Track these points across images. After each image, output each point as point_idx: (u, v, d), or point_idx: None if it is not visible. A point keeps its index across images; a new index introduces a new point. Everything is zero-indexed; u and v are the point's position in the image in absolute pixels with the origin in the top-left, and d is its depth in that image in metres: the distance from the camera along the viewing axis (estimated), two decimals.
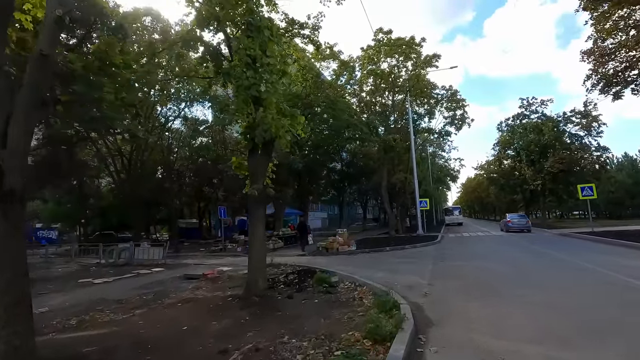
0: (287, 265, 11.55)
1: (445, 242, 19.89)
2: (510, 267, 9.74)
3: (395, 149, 26.46)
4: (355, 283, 8.19)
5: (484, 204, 75.66)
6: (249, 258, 6.84)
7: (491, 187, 55.23)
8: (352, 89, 28.20)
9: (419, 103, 31.01)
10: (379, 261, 12.53)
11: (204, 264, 14.13)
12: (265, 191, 6.45)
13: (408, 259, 13.08)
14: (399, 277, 9.05)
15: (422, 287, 7.56)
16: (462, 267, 10.22)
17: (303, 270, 10.27)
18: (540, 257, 11.83)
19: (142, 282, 10.10)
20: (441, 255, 13.61)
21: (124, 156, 22.32)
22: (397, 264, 11.61)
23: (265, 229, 23.68)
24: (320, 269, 10.37)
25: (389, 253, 15.49)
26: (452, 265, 10.86)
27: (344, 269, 10.70)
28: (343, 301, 6.47)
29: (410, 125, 25.00)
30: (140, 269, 12.84)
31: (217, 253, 19.37)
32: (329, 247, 16.64)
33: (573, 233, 20.63)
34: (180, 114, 24.08)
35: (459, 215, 47.85)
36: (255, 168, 6.64)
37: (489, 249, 15.39)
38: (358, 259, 13.93)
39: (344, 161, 36.96)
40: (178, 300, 7.29)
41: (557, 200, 36.32)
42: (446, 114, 30.53)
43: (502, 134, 37.90)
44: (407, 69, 26.40)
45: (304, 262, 13.26)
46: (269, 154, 6.68)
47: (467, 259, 12.17)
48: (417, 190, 26.00)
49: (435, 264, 11.06)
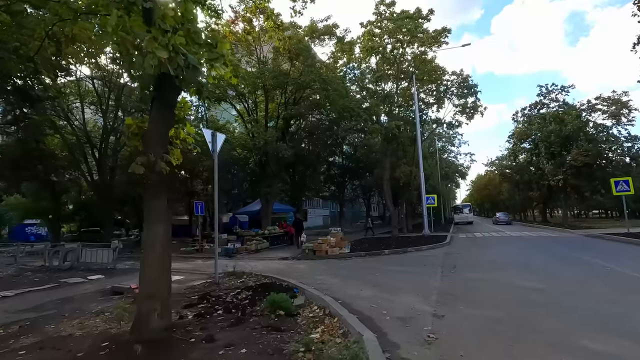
0: (251, 275, 8.92)
1: (456, 244, 17.05)
2: (557, 288, 6.60)
3: (399, 139, 23.64)
4: (326, 309, 5.54)
5: (495, 202, 71.89)
6: (140, 278, 4.20)
7: (504, 184, 51.95)
8: (351, 73, 25.43)
9: (426, 91, 28.12)
10: (373, 270, 9.83)
11: None
12: (159, 167, 3.79)
13: (410, 267, 10.36)
14: (393, 297, 6.38)
15: (425, 320, 4.87)
16: (483, 284, 7.43)
17: (265, 285, 7.63)
18: (588, 269, 8.97)
19: (51, 298, 7.56)
20: (452, 262, 10.83)
21: (94, 146, 19.90)
22: (394, 275, 8.92)
23: (251, 228, 21.05)
24: (288, 283, 7.73)
25: (387, 258, 12.77)
26: (468, 279, 8.09)
27: (323, 281, 8.04)
28: (292, 351, 3.81)
29: (417, 109, 22.15)
30: (76, 277, 10.35)
31: (191, 255, 16.85)
32: (317, 249, 13.98)
33: (605, 235, 17.61)
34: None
35: (469, 214, 44.54)
36: (148, 130, 4.04)
37: (513, 255, 12.54)
38: (348, 265, 11.23)
39: (345, 154, 34.24)
40: (45, 338, 4.73)
41: (580, 197, 33.04)
42: (456, 101, 27.47)
43: (518, 125, 34.69)
44: (414, 50, 23.57)
45: (280, 269, 10.63)
46: (169, 105, 4.03)
47: (487, 269, 9.37)
48: (424, 184, 23.13)
49: (445, 277, 8.31)
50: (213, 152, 8.68)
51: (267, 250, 17.06)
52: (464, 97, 26.85)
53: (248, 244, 17.07)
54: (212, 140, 8.65)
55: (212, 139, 8.65)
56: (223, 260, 14.25)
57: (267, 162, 19.14)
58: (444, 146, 49.74)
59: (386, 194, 23.73)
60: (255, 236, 18.05)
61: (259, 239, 17.72)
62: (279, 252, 16.11)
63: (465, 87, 26.75)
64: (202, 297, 6.77)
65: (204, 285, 8.03)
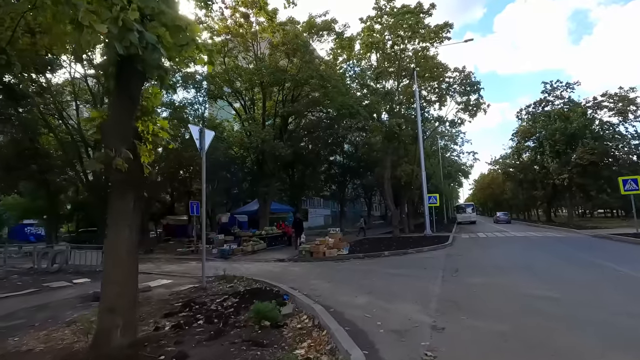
0: (242, 280, 8.48)
1: (458, 245, 16.55)
2: (567, 296, 6.06)
3: (400, 137, 23.12)
4: (315, 319, 5.08)
5: (498, 201, 71.06)
6: (101, 290, 3.73)
7: (507, 183, 51.24)
8: (351, 71, 24.94)
9: (428, 89, 27.57)
10: (370, 273, 9.36)
11: (150, 272, 11.16)
12: (116, 163, 3.32)
13: (409, 269, 9.88)
14: (389, 305, 5.90)
15: (424, 334, 4.39)
16: (487, 290, 6.93)
17: (254, 290, 7.17)
18: (600, 273, 8.45)
19: (27, 305, 7.14)
20: (454, 264, 10.33)
21: (89, 145, 19.48)
22: (392, 279, 8.44)
23: (250, 228, 20.58)
24: (279, 289, 7.28)
25: (387, 260, 12.29)
26: (471, 284, 7.59)
27: (316, 287, 7.58)
28: None
29: (418, 107, 21.62)
30: (62, 280, 9.96)
31: (186, 256, 16.44)
32: (314, 251, 13.51)
33: (613, 235, 17.07)
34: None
35: (472, 213, 43.82)
36: (107, 122, 3.58)
37: (518, 257, 12.01)
38: (345, 268, 10.76)
39: (346, 153, 33.70)
40: (2, 354, 4.29)
41: (586, 196, 32.35)
42: (459, 99, 26.94)
43: (522, 123, 34.03)
44: (415, 46, 23.01)
45: (274, 273, 10.19)
46: (131, 94, 3.54)
47: (491, 273, 8.86)
48: (425, 183, 22.60)
49: (446, 281, 7.83)
50: (201, 149, 8.24)
51: (263, 251, 16.62)
52: (466, 95, 26.31)
53: (244, 245, 16.64)
54: (200, 137, 8.22)
55: (199, 135, 8.21)
56: (217, 262, 13.85)
57: (265, 161, 18.68)
58: (447, 145, 49.09)
59: (387, 193, 23.22)
60: (252, 237, 17.62)
61: (256, 240, 17.28)
62: (275, 253, 15.67)
63: (468, 84, 26.19)
64: (185, 305, 6.33)
65: (190, 291, 7.59)
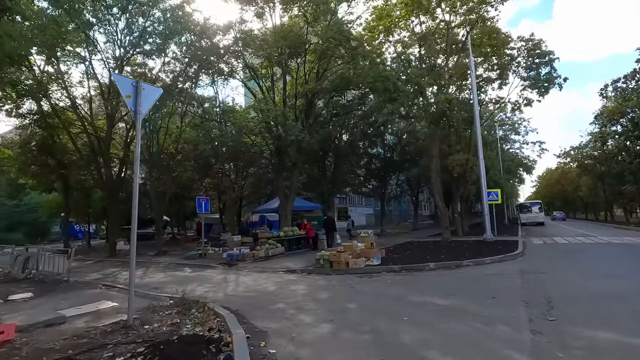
0: (202, 310, 5.60)
1: (533, 255, 12.27)
2: None
3: (450, 120, 19.04)
4: None
5: (569, 199, 61.85)
6: None
7: (583, 178, 43.60)
8: (388, 45, 21.20)
9: (485, 66, 22.94)
10: (402, 303, 6.00)
11: (113, 286, 8.75)
12: None
13: (467, 300, 6.24)
14: None
15: None
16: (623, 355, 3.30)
17: (188, 341, 4.20)
18: None
19: None
20: (539, 290, 6.54)
21: (101, 138, 18.09)
22: (438, 324, 4.92)
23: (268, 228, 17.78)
24: (236, 333, 4.25)
25: (432, 277, 8.74)
26: (590, 341, 3.94)
27: (304, 331, 4.44)
28: None
29: (473, 77, 17.41)
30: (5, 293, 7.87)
31: (192, 261, 14.08)
32: (334, 260, 10.33)
33: None
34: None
35: (539, 213, 37.04)
36: None
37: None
38: (367, 291, 7.43)
39: (387, 146, 29.89)
40: None
41: None
42: (524, 74, 21.98)
43: (607, 102, 27.68)
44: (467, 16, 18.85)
45: (264, 294, 7.24)
46: None
47: (615, 314, 5.04)
48: (484, 176, 18.15)
49: (538, 332, 4.23)
50: (135, 113, 5.48)
51: (278, 257, 13.76)
52: (534, 69, 21.36)
53: (257, 249, 13.95)
54: (136, 93, 5.46)
55: (134, 91, 5.46)
56: (214, 271, 11.36)
57: (284, 150, 15.81)
58: (506, 135, 42.71)
59: (435, 188, 19.25)
60: (269, 239, 14.88)
61: (272, 243, 14.50)
62: (292, 260, 12.71)
63: (537, 54, 21.20)
64: None
65: (104, 331, 4.83)
